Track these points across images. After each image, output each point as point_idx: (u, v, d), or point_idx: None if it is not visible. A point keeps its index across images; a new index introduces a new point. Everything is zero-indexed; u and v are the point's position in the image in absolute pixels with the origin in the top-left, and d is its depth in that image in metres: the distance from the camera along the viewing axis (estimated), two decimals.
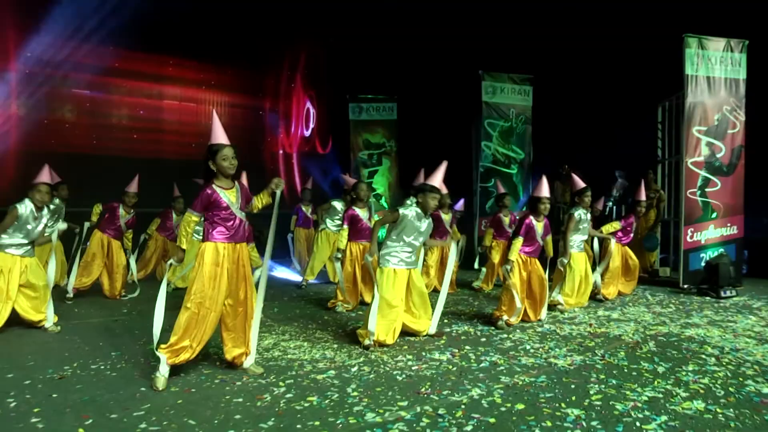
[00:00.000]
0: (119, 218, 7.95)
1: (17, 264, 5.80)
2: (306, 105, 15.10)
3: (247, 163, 12.93)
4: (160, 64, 12.55)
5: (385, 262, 5.42)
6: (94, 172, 10.36)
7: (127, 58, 12.00)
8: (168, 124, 12.80)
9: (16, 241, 5.80)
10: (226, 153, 4.30)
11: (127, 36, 11.42)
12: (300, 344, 5.39)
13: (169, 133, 12.81)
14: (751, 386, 4.05)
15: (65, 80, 11.37)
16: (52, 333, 5.85)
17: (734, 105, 8.55)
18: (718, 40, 8.48)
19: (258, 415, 3.52)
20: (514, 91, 12.90)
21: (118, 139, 12.09)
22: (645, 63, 10.32)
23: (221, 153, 4.29)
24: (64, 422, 3.42)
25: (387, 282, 5.34)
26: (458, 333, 5.91)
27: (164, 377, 4.09)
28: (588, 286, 7.45)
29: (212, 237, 4.29)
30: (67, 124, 11.67)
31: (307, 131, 15.11)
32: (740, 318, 6.51)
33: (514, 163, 12.97)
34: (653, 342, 5.40)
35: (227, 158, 4.31)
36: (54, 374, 4.39)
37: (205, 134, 12.33)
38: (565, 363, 4.73)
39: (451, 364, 4.72)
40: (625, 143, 11.10)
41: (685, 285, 8.50)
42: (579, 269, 7.29)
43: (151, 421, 3.42)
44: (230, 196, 4.35)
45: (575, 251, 7.33)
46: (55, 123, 11.48)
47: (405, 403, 3.74)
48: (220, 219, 4.30)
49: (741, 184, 8.67)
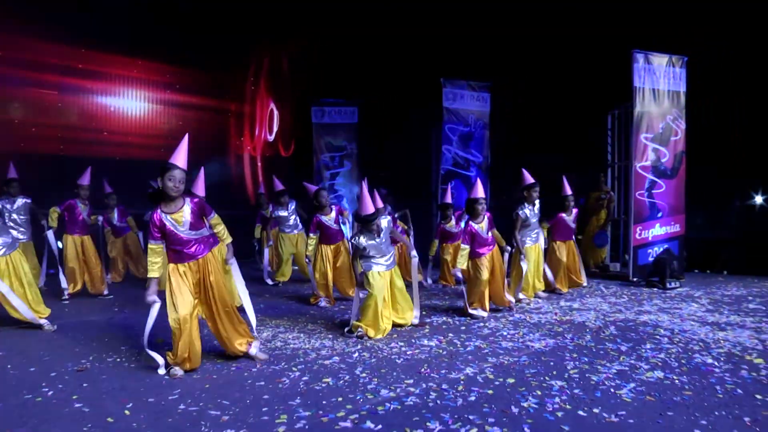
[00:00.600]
0: (80, 213, 8.16)
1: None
2: (270, 108, 15.42)
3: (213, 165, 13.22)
4: (125, 66, 12.62)
5: (368, 267, 5.94)
6: (57, 175, 10.29)
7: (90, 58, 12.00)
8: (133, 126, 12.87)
9: None
10: (174, 174, 4.36)
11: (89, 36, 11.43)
12: (297, 335, 5.85)
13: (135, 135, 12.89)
14: (699, 358, 4.78)
15: (24, 79, 11.18)
16: (48, 332, 6.10)
17: (676, 115, 9.43)
18: (662, 56, 9.34)
19: (284, 395, 3.99)
20: (473, 98, 13.56)
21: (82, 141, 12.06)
22: (596, 75, 11.14)
23: (169, 173, 4.35)
24: (106, 406, 3.79)
25: (375, 284, 5.85)
26: (438, 323, 6.47)
27: (180, 371, 4.47)
28: (540, 273, 8.06)
29: (171, 259, 4.51)
30: (25, 125, 11.42)
31: (271, 136, 15.43)
32: (684, 305, 7.31)
33: (473, 165, 13.65)
34: (613, 327, 6.10)
35: (173, 179, 4.36)
36: (74, 367, 4.72)
37: (171, 136, 12.65)
38: (541, 345, 5.35)
39: (440, 348, 5.29)
40: (577, 148, 11.89)
41: (635, 278, 9.30)
42: (532, 262, 7.89)
43: (187, 402, 3.84)
44: (175, 220, 4.44)
45: (528, 245, 7.90)
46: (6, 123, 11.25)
47: (411, 381, 4.27)
48: (171, 243, 4.47)
49: (683, 186, 9.56)
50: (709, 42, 10.25)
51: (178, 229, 4.46)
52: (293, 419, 3.50)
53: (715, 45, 10.32)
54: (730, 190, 10.47)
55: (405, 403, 3.78)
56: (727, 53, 10.35)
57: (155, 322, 4.60)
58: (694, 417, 3.49)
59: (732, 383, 4.13)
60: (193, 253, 4.51)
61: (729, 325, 6.07)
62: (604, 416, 3.52)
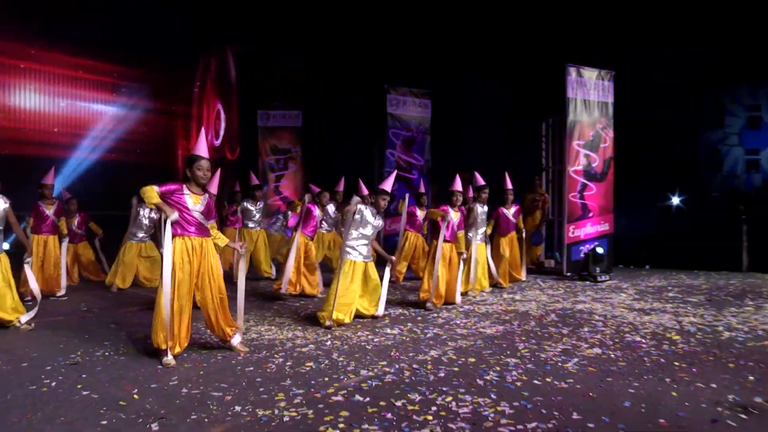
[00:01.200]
0: (45, 212, 8.19)
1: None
2: (216, 110, 15.62)
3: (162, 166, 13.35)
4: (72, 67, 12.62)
5: (347, 255, 6.43)
6: None
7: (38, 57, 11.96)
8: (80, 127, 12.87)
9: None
10: (201, 164, 4.93)
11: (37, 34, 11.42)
12: (269, 328, 6.26)
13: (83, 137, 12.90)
14: (629, 337, 5.54)
15: None
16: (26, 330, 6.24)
17: (605, 123, 10.37)
18: (592, 70, 10.24)
19: (274, 377, 4.43)
20: (415, 104, 14.23)
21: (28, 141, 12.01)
22: (532, 86, 12.01)
23: (197, 163, 4.92)
24: (113, 393, 4.10)
25: (348, 271, 6.36)
26: (396, 315, 7.02)
27: (173, 360, 4.83)
28: (485, 271, 8.73)
29: (175, 231, 4.85)
30: None
31: (217, 141, 15.63)
32: (614, 295, 8.15)
33: (414, 168, 14.30)
34: (554, 314, 6.82)
35: (201, 168, 4.92)
36: (66, 361, 4.95)
37: (121, 138, 12.71)
38: (492, 331, 5.99)
39: (403, 336, 5.84)
40: (515, 152, 12.72)
41: (569, 272, 10.15)
42: (481, 258, 8.58)
43: (188, 387, 4.21)
44: (194, 200, 4.93)
45: (478, 242, 8.56)
46: None
47: (384, 363, 4.80)
48: (181, 217, 4.89)
49: (611, 188, 10.50)
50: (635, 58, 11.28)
51: (192, 208, 4.91)
52: (290, 396, 3.96)
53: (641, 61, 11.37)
54: (652, 192, 11.54)
55: (384, 381, 4.30)
56: (653, 69, 11.40)
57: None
58: (628, 381, 4.19)
59: (656, 355, 4.88)
60: (194, 232, 4.95)
61: (653, 311, 6.91)
62: (556, 383, 4.16)
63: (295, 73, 14.98)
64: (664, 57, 11.30)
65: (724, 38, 10.90)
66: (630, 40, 11.11)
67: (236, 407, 3.75)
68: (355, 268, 6.41)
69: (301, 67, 14.87)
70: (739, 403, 3.73)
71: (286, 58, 14.94)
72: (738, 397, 3.84)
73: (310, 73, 14.84)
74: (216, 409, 3.72)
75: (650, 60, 11.43)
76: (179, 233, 4.88)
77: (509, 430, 3.34)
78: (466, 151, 13.96)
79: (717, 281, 9.46)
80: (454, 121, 14.31)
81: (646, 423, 3.43)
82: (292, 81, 15.02)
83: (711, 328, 6.01)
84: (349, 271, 6.36)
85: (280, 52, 14.90)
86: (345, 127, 15.35)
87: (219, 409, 3.73)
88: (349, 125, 15.31)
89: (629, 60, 11.23)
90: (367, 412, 3.64)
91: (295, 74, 14.98)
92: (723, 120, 11.81)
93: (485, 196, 8.52)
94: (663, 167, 11.45)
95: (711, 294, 8.20)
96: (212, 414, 3.64)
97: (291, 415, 3.60)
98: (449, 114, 14.21)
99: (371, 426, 3.41)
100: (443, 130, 14.08)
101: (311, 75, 14.85)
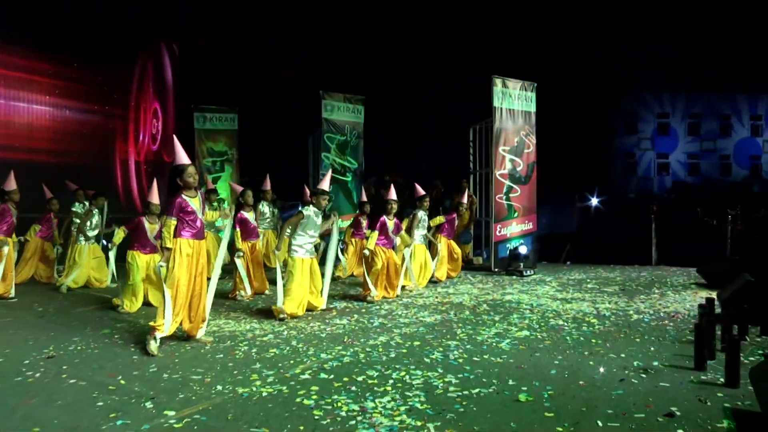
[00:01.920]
0: (11, 216, 8.29)
1: None
2: (153, 111, 15.66)
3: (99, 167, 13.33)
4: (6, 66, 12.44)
5: (294, 253, 6.93)
6: None
7: None
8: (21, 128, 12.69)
9: None
10: (189, 170, 5.48)
11: None
12: (226, 321, 6.66)
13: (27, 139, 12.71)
14: (553, 322, 6.32)
15: None
16: None
17: (528, 131, 11.27)
18: (516, 81, 11.12)
19: (244, 362, 4.88)
20: (349, 110, 14.76)
21: None
22: (460, 94, 12.82)
23: (187, 171, 5.46)
24: (99, 380, 4.42)
25: (297, 267, 6.86)
26: (342, 307, 7.56)
27: (157, 344, 5.22)
28: (428, 271, 9.44)
29: (181, 235, 5.44)
30: None
31: (155, 145, 15.67)
32: (539, 287, 8.99)
33: (348, 171, 14.84)
34: (485, 304, 7.54)
35: (191, 175, 5.48)
36: (41, 356, 5.17)
37: (58, 140, 12.63)
38: (432, 320, 6.63)
39: (351, 325, 6.38)
40: (443, 156, 13.52)
41: (496, 268, 10.96)
42: (419, 258, 9.26)
43: (168, 372, 4.59)
44: (195, 204, 5.54)
45: (417, 242, 9.24)
46: None
47: (340, 347, 5.33)
48: (188, 221, 5.48)
49: (534, 190, 11.42)
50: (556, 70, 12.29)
51: (198, 211, 5.51)
52: (263, 376, 4.43)
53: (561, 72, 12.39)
54: (572, 194, 12.58)
55: (343, 362, 4.84)
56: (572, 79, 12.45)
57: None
58: (553, 355, 4.91)
59: (576, 335, 5.66)
60: (201, 233, 5.56)
61: (573, 300, 7.77)
62: (492, 359, 4.82)
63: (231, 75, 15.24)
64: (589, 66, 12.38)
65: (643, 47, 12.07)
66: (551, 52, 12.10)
67: (218, 386, 4.20)
68: (303, 265, 6.91)
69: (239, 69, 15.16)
70: (642, 367, 4.51)
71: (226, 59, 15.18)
72: (641, 363, 4.62)
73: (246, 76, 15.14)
74: (199, 390, 4.15)
75: (571, 71, 12.48)
76: (181, 236, 5.40)
77: (457, 394, 3.95)
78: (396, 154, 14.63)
79: (630, 273, 10.51)
80: (386, 126, 14.96)
81: (568, 384, 4.13)
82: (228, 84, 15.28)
83: (623, 312, 6.88)
84: (299, 268, 6.86)
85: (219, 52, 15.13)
86: (278, 131, 15.73)
87: (202, 389, 4.16)
88: (283, 128, 15.70)
89: (551, 72, 12.22)
90: (334, 386, 4.17)
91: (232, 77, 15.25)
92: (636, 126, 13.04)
93: (426, 204, 9.28)
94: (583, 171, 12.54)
95: (624, 284, 9.17)
96: (197, 393, 4.07)
97: (268, 391, 4.08)
98: (381, 119, 14.86)
99: (340, 396, 3.94)
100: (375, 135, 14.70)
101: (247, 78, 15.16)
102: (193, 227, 5.50)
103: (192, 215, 5.49)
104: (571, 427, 3.35)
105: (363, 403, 3.78)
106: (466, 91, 12.44)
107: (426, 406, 3.72)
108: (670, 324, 6.19)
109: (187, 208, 5.47)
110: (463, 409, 3.67)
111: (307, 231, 6.97)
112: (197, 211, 5.54)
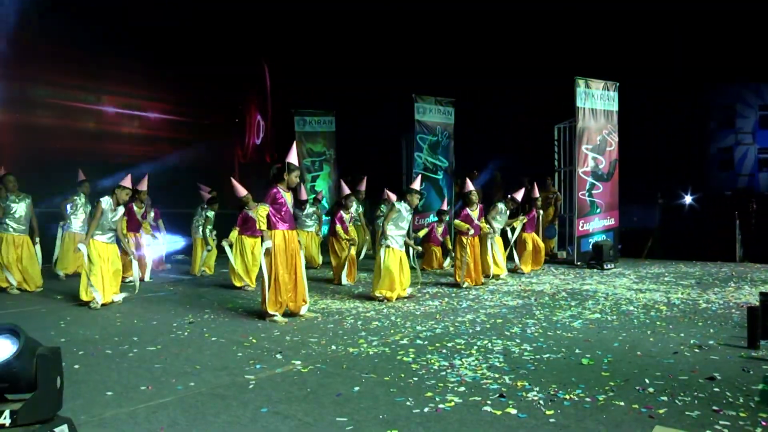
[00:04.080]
0: (135, 214, 9.68)
1: None
2: (257, 119, 17.16)
3: (217, 170, 14.85)
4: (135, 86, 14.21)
5: (388, 245, 7.88)
6: None
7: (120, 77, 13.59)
8: None
9: None
10: (297, 173, 6.57)
11: None
12: (333, 301, 7.72)
13: None
14: (624, 307, 6.97)
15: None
16: None
17: (610, 129, 11.74)
18: (599, 82, 11.62)
19: (352, 330, 5.90)
20: (440, 112, 15.63)
21: None
22: (545, 96, 13.40)
23: (295, 172, 6.52)
24: (235, 339, 5.57)
25: (391, 257, 7.83)
26: (434, 292, 8.44)
27: (280, 317, 6.34)
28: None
29: (276, 226, 6.39)
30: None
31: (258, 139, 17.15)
32: (617, 279, 9.56)
33: (440, 170, 15.71)
34: (564, 292, 8.24)
35: (296, 176, 6.57)
36: (184, 321, 6.43)
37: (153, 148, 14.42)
38: (514, 303, 7.43)
39: (443, 306, 7.28)
40: (530, 155, 14.12)
41: (578, 262, 11.53)
42: None
43: (289, 335, 5.68)
44: (288, 198, 6.52)
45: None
46: None
47: (432, 322, 6.25)
48: (282, 213, 6.42)
49: (616, 187, 11.89)
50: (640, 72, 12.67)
51: (289, 204, 6.47)
52: (369, 341, 5.43)
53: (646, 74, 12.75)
54: (653, 190, 12.90)
55: (435, 332, 5.76)
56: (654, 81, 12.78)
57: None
58: (618, 333, 5.63)
59: (644, 318, 6.32)
60: (292, 224, 6.54)
61: (648, 290, 8.33)
62: (564, 334, 5.60)
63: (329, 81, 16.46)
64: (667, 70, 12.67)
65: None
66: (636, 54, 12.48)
67: (332, 346, 5.22)
68: (395, 255, 7.85)
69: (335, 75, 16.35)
70: (697, 344, 5.15)
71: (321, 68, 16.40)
72: (697, 341, 5.26)
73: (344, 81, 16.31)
74: (317, 348, 5.19)
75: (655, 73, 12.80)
76: (278, 227, 6.38)
77: (530, 357, 4.78)
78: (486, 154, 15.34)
79: (710, 269, 10.82)
80: (475, 126, 15.71)
81: (626, 354, 4.86)
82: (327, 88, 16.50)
83: (693, 301, 7.41)
84: (392, 258, 7.80)
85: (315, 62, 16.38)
86: (372, 132, 16.79)
87: (319, 348, 5.21)
88: (377, 130, 16.74)
89: (636, 73, 12.62)
90: (428, 349, 5.10)
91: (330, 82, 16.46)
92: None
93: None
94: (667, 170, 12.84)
95: (701, 278, 9.57)
96: (315, 351, 5.11)
97: (374, 351, 5.07)
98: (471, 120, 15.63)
99: (432, 356, 4.85)
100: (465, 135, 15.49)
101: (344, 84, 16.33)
102: (284, 218, 6.42)
103: (284, 207, 6.41)
104: (621, 382, 4.10)
105: (452, 361, 4.68)
106: (551, 92, 13.00)
107: (503, 365, 4.57)
108: (736, 312, 6.68)
109: (280, 200, 6.39)
110: (534, 368, 4.49)
111: (399, 224, 7.92)
112: (288, 204, 6.46)
